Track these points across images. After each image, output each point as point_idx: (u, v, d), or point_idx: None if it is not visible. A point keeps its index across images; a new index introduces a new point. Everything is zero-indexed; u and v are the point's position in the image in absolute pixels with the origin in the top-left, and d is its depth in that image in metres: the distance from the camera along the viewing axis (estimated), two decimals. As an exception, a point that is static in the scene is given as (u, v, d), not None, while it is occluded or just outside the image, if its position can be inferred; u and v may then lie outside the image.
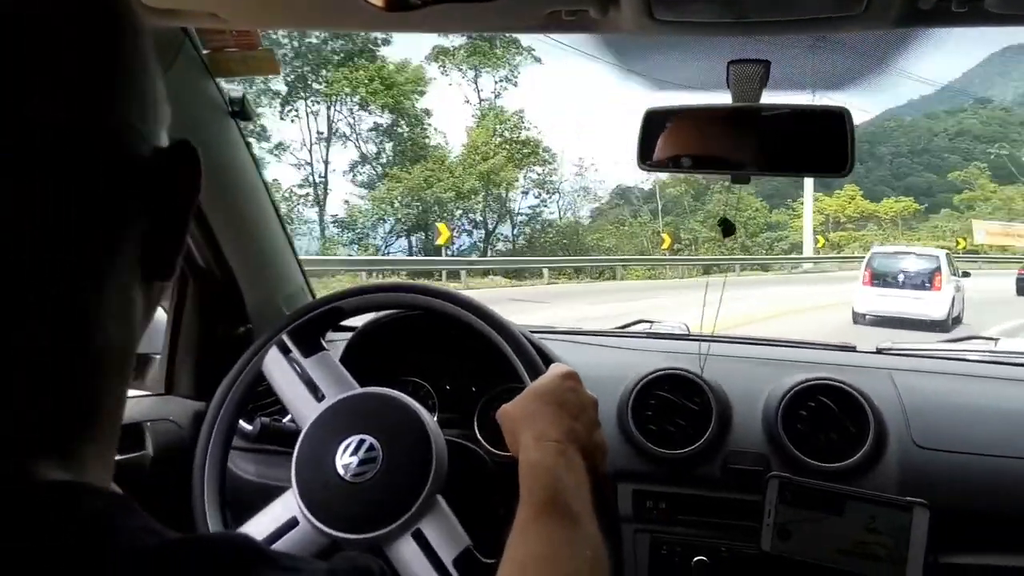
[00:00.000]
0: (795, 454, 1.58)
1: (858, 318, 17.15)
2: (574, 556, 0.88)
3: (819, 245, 40.36)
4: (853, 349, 2.00)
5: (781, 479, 1.50)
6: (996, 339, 2.16)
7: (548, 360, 1.39)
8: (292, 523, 1.24)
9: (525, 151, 34.11)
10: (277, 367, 1.39)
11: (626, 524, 1.63)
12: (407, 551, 1.19)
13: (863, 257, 20.25)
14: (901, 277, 17.41)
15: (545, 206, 36.14)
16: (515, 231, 35.08)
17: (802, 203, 43.59)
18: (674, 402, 1.66)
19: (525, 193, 35.40)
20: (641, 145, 1.44)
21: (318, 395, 1.33)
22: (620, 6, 1.16)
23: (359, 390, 1.32)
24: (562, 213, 37.39)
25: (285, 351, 1.39)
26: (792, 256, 38.37)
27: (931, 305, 16.75)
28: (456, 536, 1.21)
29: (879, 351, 1.99)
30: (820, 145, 1.36)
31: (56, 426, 0.47)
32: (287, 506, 1.25)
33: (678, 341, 2.00)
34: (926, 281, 17.19)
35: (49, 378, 0.46)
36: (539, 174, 35.38)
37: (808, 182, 33.97)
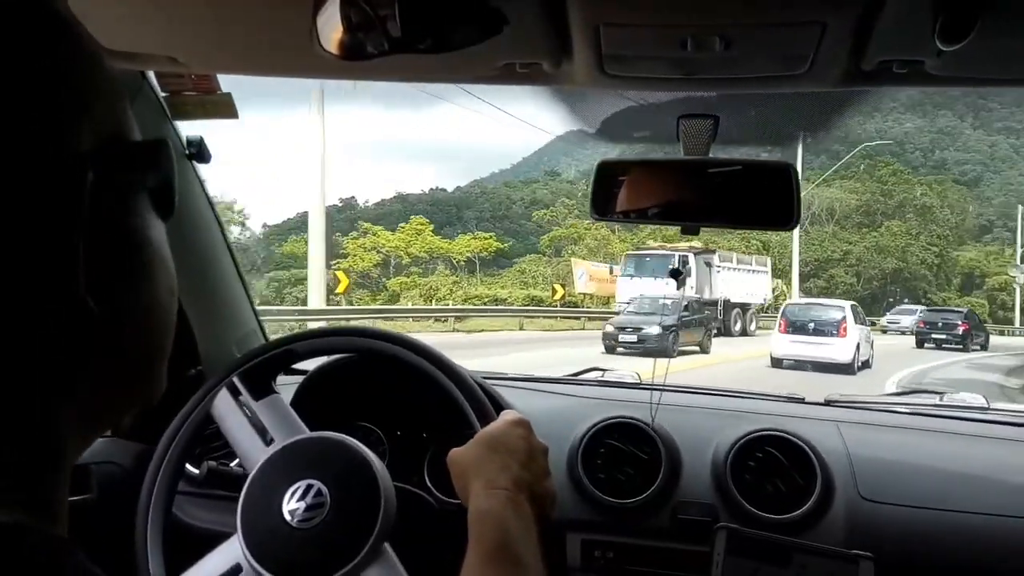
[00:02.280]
0: (743, 505, 1.59)
1: (775, 362, 19.20)
2: None
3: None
4: (802, 400, 2.02)
5: (729, 530, 1.51)
6: (942, 393, 2.20)
7: (499, 407, 1.39)
8: (236, 570, 1.21)
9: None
10: (226, 409, 1.37)
11: (575, 574, 1.62)
12: None
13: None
14: (811, 325, 19.72)
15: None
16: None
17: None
18: (624, 451, 1.67)
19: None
20: (594, 197, 1.47)
21: (267, 439, 1.31)
22: (573, 60, 1.19)
23: (308, 434, 1.31)
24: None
25: (235, 393, 1.37)
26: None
27: (838, 350, 18.90)
28: None
29: (828, 403, 2.02)
30: (766, 199, 1.39)
31: (9, 469, 0.47)
32: (231, 553, 1.23)
33: (630, 390, 2.01)
34: (833, 329, 19.44)
35: (10, 424, 0.46)
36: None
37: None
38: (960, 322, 30.88)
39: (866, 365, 19.86)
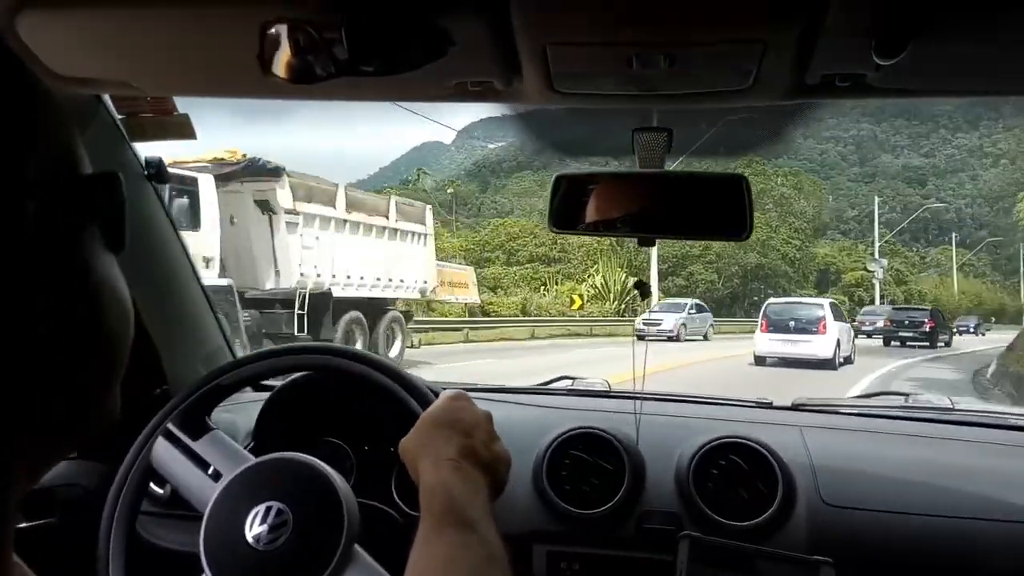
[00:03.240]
0: (706, 513, 1.60)
1: (759, 360, 19.86)
2: (471, 557, 0.90)
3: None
4: (770, 405, 2.04)
5: (692, 538, 1.52)
6: (907, 395, 2.22)
7: (438, 394, 1.40)
8: None
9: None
10: (167, 457, 1.37)
11: None
12: None
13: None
14: (792, 323, 20.20)
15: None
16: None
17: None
18: (588, 461, 1.68)
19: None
20: (551, 209, 1.48)
21: (216, 476, 1.32)
22: (523, 78, 1.20)
23: (255, 460, 1.31)
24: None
25: (172, 439, 1.37)
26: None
27: (819, 346, 19.61)
28: None
29: (794, 407, 2.03)
30: (720, 210, 1.41)
31: None
32: None
33: (598, 399, 2.02)
34: (813, 326, 20.02)
35: None
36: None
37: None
38: (926, 320, 31.67)
39: (848, 361, 20.49)
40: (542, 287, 42.27)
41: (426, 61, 1.07)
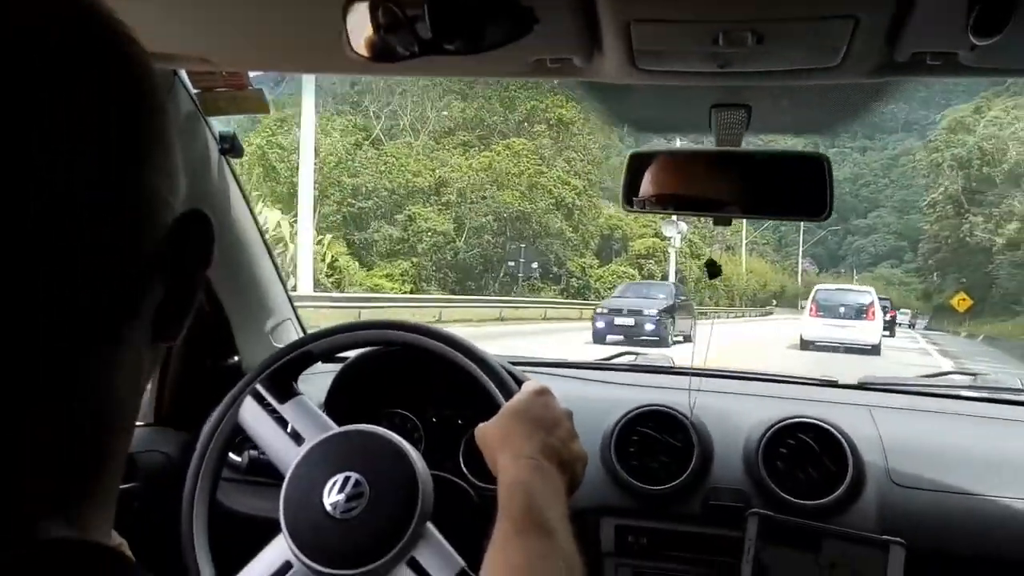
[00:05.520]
0: (775, 491, 1.59)
1: (806, 345, 19.99)
2: (549, 568, 0.90)
3: None
4: (835, 384, 2.02)
5: (761, 516, 1.52)
6: (975, 374, 2.18)
7: (520, 381, 1.41)
8: (286, 567, 1.25)
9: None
10: (253, 417, 1.40)
11: (608, 558, 1.64)
12: None
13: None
14: (843, 309, 20.54)
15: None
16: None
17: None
18: (657, 438, 1.68)
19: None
20: (626, 187, 1.47)
21: (298, 439, 1.35)
22: (604, 55, 1.19)
23: (338, 429, 1.33)
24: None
25: (260, 400, 1.40)
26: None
27: (867, 332, 20.02)
28: (450, 559, 1.22)
29: (861, 386, 2.01)
30: (800, 190, 1.39)
31: (62, 483, 0.47)
32: (279, 551, 1.26)
33: (662, 375, 2.02)
34: (862, 313, 20.52)
35: (57, 436, 0.47)
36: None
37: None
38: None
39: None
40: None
41: (511, 39, 1.05)
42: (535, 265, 35.44)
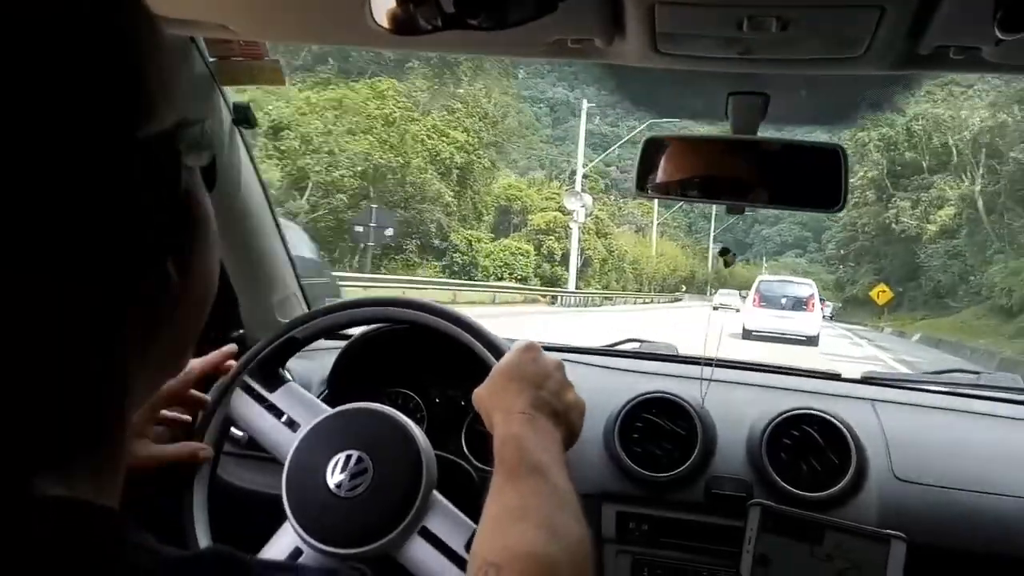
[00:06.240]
0: (777, 482, 1.59)
1: (747, 334, 20.39)
2: (541, 504, 0.91)
3: None
4: (839, 377, 2.02)
5: (763, 506, 1.52)
6: (979, 372, 2.18)
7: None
8: (296, 554, 1.25)
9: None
10: (245, 409, 1.39)
11: (608, 544, 1.64)
12: (418, 551, 1.20)
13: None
14: (783, 300, 21.26)
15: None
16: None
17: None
18: (660, 425, 1.68)
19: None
20: (639, 172, 1.47)
21: (293, 426, 1.34)
22: (625, 37, 1.18)
23: (332, 410, 1.33)
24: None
25: (249, 391, 1.40)
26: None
27: (807, 323, 20.66)
28: (461, 523, 1.23)
29: (864, 379, 2.01)
30: (814, 180, 1.38)
31: (59, 442, 0.48)
32: (288, 539, 1.26)
33: (666, 363, 2.02)
34: (803, 304, 21.21)
35: (56, 396, 0.47)
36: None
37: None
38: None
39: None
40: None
41: (535, 17, 1.05)
42: (390, 232, 26.23)
